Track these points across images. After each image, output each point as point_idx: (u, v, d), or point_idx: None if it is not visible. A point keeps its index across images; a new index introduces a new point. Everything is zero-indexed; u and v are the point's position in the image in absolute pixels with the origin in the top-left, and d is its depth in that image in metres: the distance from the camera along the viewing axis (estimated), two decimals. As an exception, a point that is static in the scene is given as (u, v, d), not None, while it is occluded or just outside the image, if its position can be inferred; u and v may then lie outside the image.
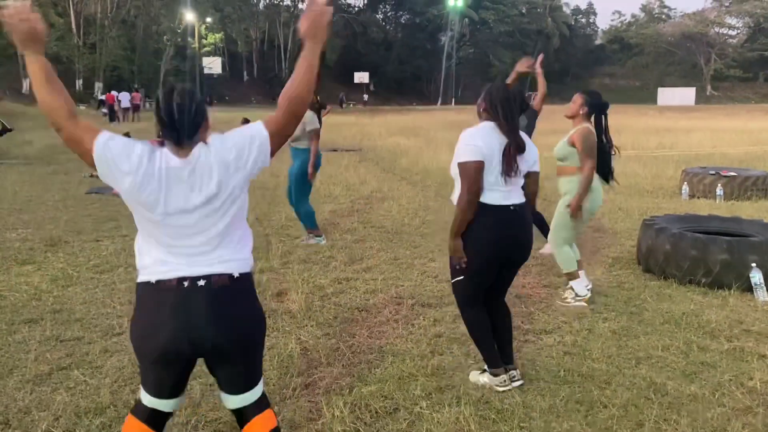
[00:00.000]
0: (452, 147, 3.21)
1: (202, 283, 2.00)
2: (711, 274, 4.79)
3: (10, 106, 33.03)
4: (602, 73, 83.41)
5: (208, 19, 62.08)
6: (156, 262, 2.04)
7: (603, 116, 4.59)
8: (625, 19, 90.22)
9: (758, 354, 3.66)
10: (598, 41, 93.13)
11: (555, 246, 4.67)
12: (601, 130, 4.58)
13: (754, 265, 4.67)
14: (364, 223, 7.44)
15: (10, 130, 12.82)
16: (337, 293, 4.79)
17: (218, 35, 64.25)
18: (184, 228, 2.01)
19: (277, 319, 4.24)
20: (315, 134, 6.16)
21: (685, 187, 9.34)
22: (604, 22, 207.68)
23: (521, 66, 5.52)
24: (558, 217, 4.65)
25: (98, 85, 46.39)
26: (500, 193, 3.09)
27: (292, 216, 7.53)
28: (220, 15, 63.05)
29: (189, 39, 57.09)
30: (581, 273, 4.65)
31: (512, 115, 3.11)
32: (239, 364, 2.12)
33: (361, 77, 66.34)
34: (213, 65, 58.16)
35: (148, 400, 2.17)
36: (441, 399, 3.12)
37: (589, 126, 4.51)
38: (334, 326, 4.13)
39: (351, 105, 59.20)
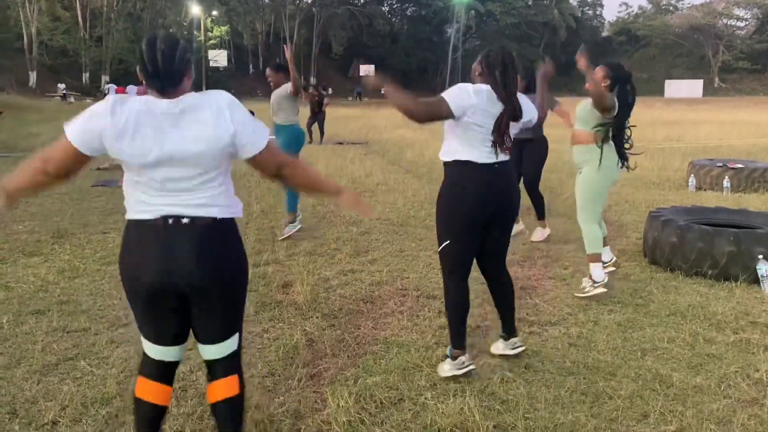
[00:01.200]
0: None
1: (186, 221, 2.04)
2: (717, 266, 4.77)
3: (18, 99, 33.16)
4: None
5: (214, 12, 62.03)
6: (141, 202, 2.08)
7: (628, 88, 4.45)
8: (632, 11, 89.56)
9: (764, 346, 3.65)
10: (605, 33, 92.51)
11: (584, 222, 4.59)
12: (626, 103, 4.43)
13: (760, 257, 4.65)
14: (369, 215, 7.43)
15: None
16: (343, 285, 4.80)
17: (224, 28, 64.22)
18: (166, 173, 2.04)
19: (282, 310, 4.25)
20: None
21: (692, 179, 9.30)
22: (611, 14, 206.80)
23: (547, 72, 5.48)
24: (581, 191, 4.57)
25: (105, 78, 46.46)
26: (485, 152, 3.09)
27: (298, 208, 7.53)
28: (226, 8, 63.01)
29: (195, 32, 57.10)
30: (606, 249, 4.65)
31: (509, 80, 3.07)
32: (218, 307, 2.15)
33: (367, 70, 66.16)
34: (219, 58, 58.12)
35: (152, 350, 2.21)
36: (446, 390, 3.12)
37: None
38: (339, 318, 4.14)
39: (359, 99, 59.14)
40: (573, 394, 3.09)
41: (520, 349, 3.41)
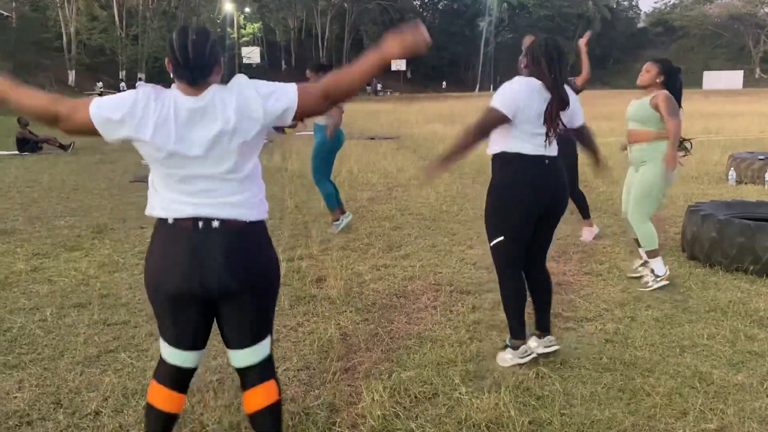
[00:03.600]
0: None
1: (216, 224, 2.00)
2: (759, 262, 4.66)
3: (57, 97, 33.91)
4: (645, 57, 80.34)
5: (247, 9, 62.60)
6: (170, 201, 2.03)
7: (678, 83, 4.48)
8: (669, 2, 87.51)
9: (809, 343, 3.55)
10: (640, 24, 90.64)
11: (638, 222, 4.55)
12: (677, 98, 4.46)
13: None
14: (401, 210, 7.44)
15: (71, 145, 14.14)
16: (376, 280, 4.81)
17: (256, 25, 64.75)
18: (195, 168, 2.00)
19: (316, 304, 4.28)
20: (337, 107, 6.20)
21: (732, 173, 9.08)
22: (647, 4, 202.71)
23: (583, 43, 5.82)
24: (640, 188, 4.50)
25: (140, 76, 47.24)
26: (534, 144, 3.11)
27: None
28: (258, 4, 63.51)
29: (228, 29, 57.70)
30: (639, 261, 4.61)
31: (556, 69, 3.07)
32: (248, 311, 2.10)
33: (399, 64, 66.05)
34: (252, 55, 58.62)
35: (169, 354, 2.16)
36: (480, 385, 3.11)
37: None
38: (372, 312, 4.15)
39: (387, 92, 59.09)
40: (610, 390, 3.05)
41: (554, 348, 3.36)
